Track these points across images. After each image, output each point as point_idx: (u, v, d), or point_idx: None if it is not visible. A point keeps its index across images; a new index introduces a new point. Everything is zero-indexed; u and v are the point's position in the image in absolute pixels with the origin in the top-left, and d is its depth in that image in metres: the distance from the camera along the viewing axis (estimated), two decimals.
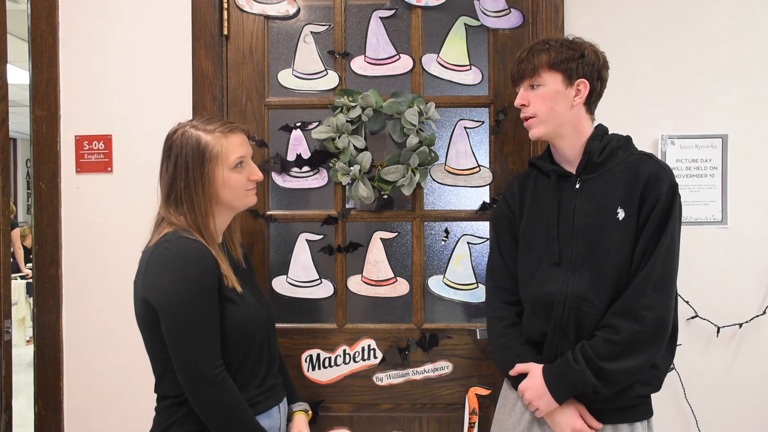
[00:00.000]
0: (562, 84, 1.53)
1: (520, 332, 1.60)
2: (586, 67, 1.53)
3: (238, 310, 1.48)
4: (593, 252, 1.50)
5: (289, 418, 1.65)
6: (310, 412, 1.68)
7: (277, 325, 1.69)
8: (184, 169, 1.49)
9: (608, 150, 1.54)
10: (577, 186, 1.56)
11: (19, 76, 5.17)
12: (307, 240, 2.01)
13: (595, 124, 1.60)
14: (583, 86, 1.54)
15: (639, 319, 1.43)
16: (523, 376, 1.55)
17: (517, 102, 1.58)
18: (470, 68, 2.00)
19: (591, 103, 1.58)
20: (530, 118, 1.56)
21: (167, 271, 1.42)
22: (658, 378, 1.52)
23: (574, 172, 1.57)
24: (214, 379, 1.40)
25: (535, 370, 1.52)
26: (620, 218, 1.49)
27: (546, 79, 1.53)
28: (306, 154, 1.99)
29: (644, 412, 1.53)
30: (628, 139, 1.59)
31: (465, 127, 2.01)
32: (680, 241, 1.51)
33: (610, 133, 1.60)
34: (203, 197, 1.49)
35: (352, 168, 1.92)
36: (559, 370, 1.48)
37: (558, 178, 1.59)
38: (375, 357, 1.98)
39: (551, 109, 1.53)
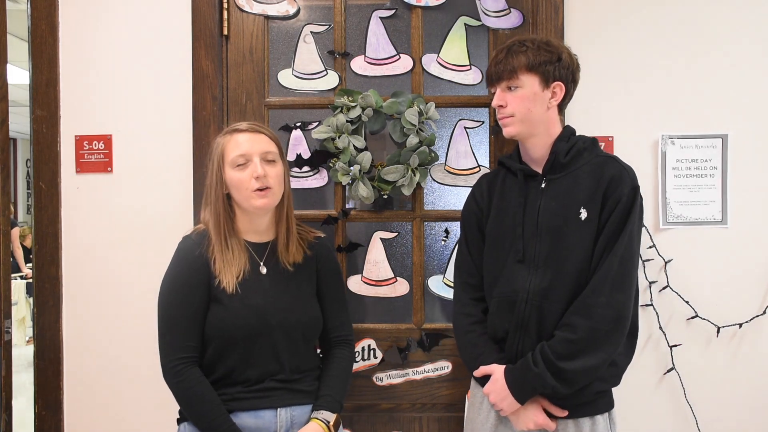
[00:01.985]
0: (539, 86, 1.55)
1: (485, 329, 1.63)
2: (562, 70, 1.56)
3: (224, 311, 1.53)
4: (555, 250, 1.53)
5: None
6: (331, 422, 1.57)
7: None
8: (210, 172, 1.59)
9: (574, 151, 1.57)
10: (543, 185, 1.58)
11: (19, 76, 5.17)
12: None
13: (566, 125, 1.62)
14: (559, 89, 1.56)
15: (596, 316, 1.46)
16: (488, 376, 1.58)
17: (495, 103, 1.59)
18: (470, 68, 2.00)
19: (563, 104, 1.61)
20: (507, 117, 1.58)
21: (167, 268, 1.59)
22: (617, 375, 1.56)
23: (540, 172, 1.59)
24: (172, 369, 1.51)
25: (497, 372, 1.55)
26: (583, 218, 1.52)
27: (524, 80, 1.54)
28: (306, 154, 2.00)
29: (604, 405, 1.56)
30: (594, 142, 1.61)
31: (465, 127, 2.01)
32: (640, 242, 1.54)
33: (579, 134, 1.62)
34: (215, 199, 1.57)
35: (352, 168, 1.92)
36: (520, 372, 1.51)
37: (525, 177, 1.61)
38: (375, 357, 1.98)
39: (528, 110, 1.55)
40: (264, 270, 1.59)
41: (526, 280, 1.55)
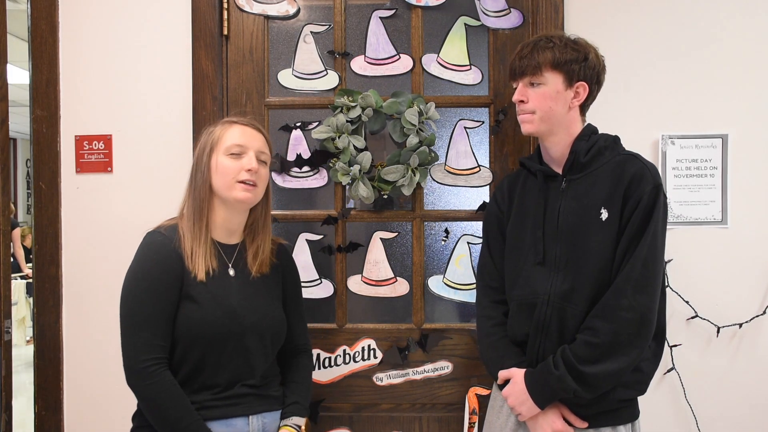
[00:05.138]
0: (562, 84, 1.51)
1: (506, 332, 1.60)
2: (587, 70, 1.52)
3: (196, 309, 1.48)
4: (576, 252, 1.49)
5: None
6: (302, 427, 1.57)
7: None
8: (197, 158, 1.56)
9: (595, 150, 1.53)
10: (563, 186, 1.54)
11: (19, 76, 5.17)
12: (307, 240, 2.01)
13: (587, 123, 1.60)
14: (582, 89, 1.53)
15: (619, 320, 1.41)
16: (508, 380, 1.55)
17: (516, 98, 1.56)
18: (470, 68, 2.00)
19: (585, 105, 1.57)
20: (527, 114, 1.54)
21: (131, 263, 1.51)
22: (642, 382, 1.51)
23: (560, 172, 1.56)
24: (142, 371, 1.43)
25: (517, 376, 1.51)
26: (603, 218, 1.47)
27: (548, 78, 1.50)
28: (306, 154, 2.00)
29: (628, 415, 1.52)
30: (615, 140, 1.57)
31: (465, 127, 2.01)
32: (665, 242, 1.48)
33: (600, 132, 1.58)
34: (201, 183, 1.53)
35: (352, 168, 1.92)
36: (540, 375, 1.47)
37: (545, 178, 1.58)
38: (375, 357, 1.98)
39: (549, 109, 1.51)
40: (232, 272, 1.55)
41: (546, 282, 1.51)
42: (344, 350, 1.98)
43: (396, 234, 2.03)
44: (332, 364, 1.98)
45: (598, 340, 1.42)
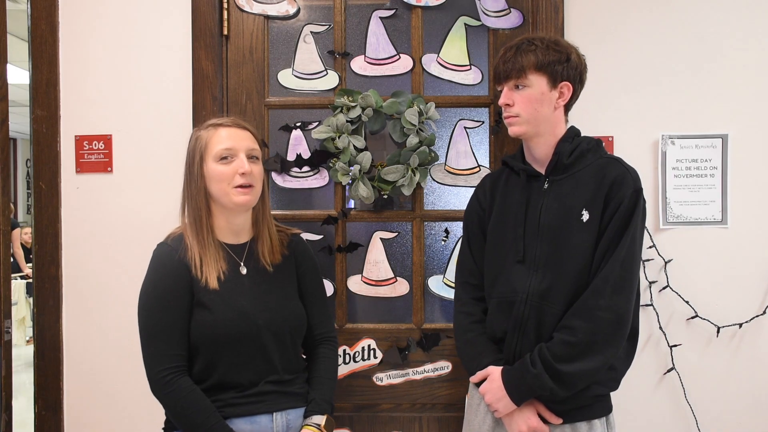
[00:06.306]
0: (546, 86, 1.53)
1: (485, 329, 1.62)
2: (570, 70, 1.54)
3: (208, 314, 1.49)
4: (556, 252, 1.52)
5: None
6: (322, 425, 1.55)
7: None
8: (187, 166, 1.55)
9: (578, 152, 1.55)
10: (546, 186, 1.57)
11: (19, 76, 5.18)
12: (307, 240, 2.01)
13: (570, 125, 1.61)
14: (567, 89, 1.55)
15: (596, 320, 1.44)
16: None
17: (502, 101, 1.58)
18: (470, 68, 2.00)
19: (569, 105, 1.59)
20: (512, 117, 1.56)
21: (144, 277, 1.54)
22: (615, 380, 1.54)
23: (543, 173, 1.58)
24: (160, 381, 1.46)
25: (494, 373, 1.54)
26: (584, 220, 1.50)
27: (532, 80, 1.53)
28: (306, 154, 2.00)
29: (601, 409, 1.54)
30: (598, 143, 1.60)
31: (465, 127, 2.01)
32: (642, 245, 1.52)
33: (584, 135, 1.61)
34: (196, 192, 1.53)
35: (352, 168, 1.92)
36: (517, 373, 1.49)
37: (528, 177, 1.60)
38: (375, 357, 1.98)
39: (535, 111, 1.54)
40: (244, 271, 1.56)
41: (525, 280, 1.54)
42: (344, 350, 1.98)
43: (396, 234, 2.03)
44: None
45: (575, 339, 1.44)
